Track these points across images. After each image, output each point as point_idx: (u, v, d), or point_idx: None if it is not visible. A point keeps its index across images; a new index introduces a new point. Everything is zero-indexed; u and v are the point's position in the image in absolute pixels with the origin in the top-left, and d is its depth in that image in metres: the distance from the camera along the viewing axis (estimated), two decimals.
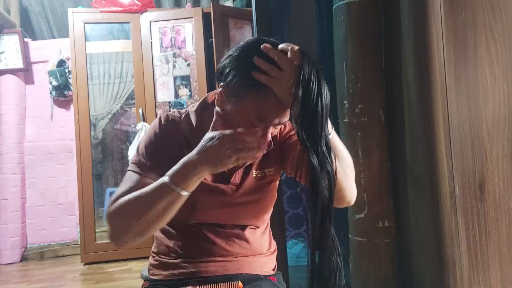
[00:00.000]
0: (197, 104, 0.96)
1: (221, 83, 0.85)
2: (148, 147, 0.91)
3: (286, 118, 0.81)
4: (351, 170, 0.89)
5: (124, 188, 0.85)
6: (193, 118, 0.94)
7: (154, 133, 0.93)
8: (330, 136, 0.79)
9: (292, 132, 0.96)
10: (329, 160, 0.75)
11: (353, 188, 0.90)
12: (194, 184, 0.79)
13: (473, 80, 1.16)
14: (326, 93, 0.76)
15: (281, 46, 0.79)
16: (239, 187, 0.95)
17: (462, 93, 1.17)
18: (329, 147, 0.76)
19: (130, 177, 0.87)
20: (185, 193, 0.78)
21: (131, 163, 0.90)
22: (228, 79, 0.82)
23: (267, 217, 1.03)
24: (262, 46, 0.79)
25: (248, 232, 0.97)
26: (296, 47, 0.77)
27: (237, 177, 0.95)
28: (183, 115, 0.95)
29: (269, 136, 0.83)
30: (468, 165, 1.16)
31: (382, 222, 1.51)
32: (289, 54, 0.77)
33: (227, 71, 0.83)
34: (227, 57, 0.85)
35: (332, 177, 0.75)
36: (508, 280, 1.15)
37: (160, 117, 0.96)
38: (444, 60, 1.18)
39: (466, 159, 1.16)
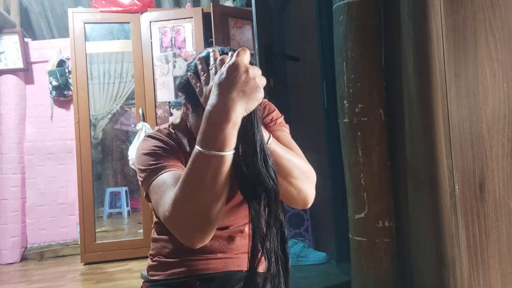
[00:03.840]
0: (179, 116, 0.96)
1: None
2: (150, 154, 0.86)
3: None
4: (301, 173, 0.81)
5: (162, 192, 0.77)
6: (182, 128, 0.94)
7: (152, 143, 0.89)
8: (269, 143, 0.75)
9: (270, 116, 0.94)
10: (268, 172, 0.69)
11: (303, 192, 0.81)
12: (230, 138, 0.66)
13: (473, 78, 1.16)
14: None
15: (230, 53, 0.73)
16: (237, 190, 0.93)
17: (462, 91, 1.16)
18: (266, 156, 0.70)
19: (156, 184, 0.80)
20: (226, 153, 0.66)
21: (141, 176, 0.85)
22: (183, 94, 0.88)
23: None
24: (211, 50, 0.79)
25: (249, 227, 0.96)
26: (239, 54, 0.69)
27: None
28: (170, 127, 0.95)
29: None
30: (468, 164, 1.16)
31: (382, 222, 1.50)
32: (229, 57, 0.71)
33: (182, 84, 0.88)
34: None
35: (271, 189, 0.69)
36: (508, 280, 1.14)
37: (148, 135, 0.92)
38: (444, 58, 1.17)
39: (466, 158, 1.16)
